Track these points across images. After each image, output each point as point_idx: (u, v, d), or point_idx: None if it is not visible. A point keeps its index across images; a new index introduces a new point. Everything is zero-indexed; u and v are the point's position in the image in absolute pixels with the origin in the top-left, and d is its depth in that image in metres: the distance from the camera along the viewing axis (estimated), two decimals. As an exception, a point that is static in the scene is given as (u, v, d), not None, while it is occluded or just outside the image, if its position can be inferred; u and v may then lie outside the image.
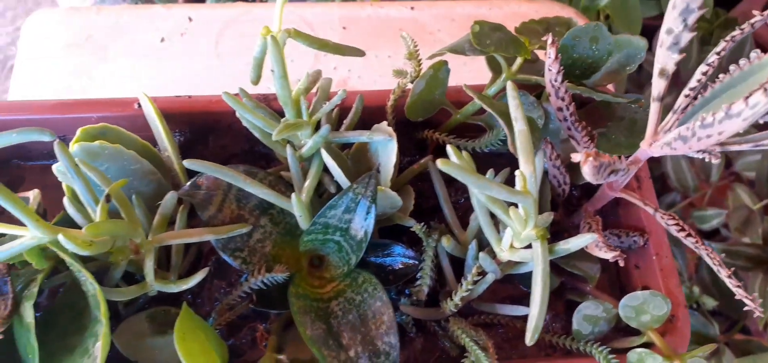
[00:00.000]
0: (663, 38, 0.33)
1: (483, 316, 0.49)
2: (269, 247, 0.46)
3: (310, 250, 0.47)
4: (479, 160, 0.54)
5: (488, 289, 0.47)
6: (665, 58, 0.33)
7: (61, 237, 0.36)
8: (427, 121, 0.52)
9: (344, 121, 0.49)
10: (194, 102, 0.50)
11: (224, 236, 0.44)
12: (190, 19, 0.74)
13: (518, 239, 0.40)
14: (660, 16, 0.98)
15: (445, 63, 0.48)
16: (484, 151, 0.50)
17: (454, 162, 0.35)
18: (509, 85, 0.40)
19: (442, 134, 0.51)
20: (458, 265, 0.49)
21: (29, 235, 0.39)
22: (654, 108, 0.36)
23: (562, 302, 0.51)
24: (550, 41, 0.40)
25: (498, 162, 0.54)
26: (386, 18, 0.77)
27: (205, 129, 0.52)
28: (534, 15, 0.58)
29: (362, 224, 0.44)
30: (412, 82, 0.50)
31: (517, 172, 0.38)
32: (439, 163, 0.34)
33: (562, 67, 0.41)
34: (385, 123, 0.45)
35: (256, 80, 0.50)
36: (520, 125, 0.39)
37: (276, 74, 0.41)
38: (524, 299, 0.51)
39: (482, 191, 0.36)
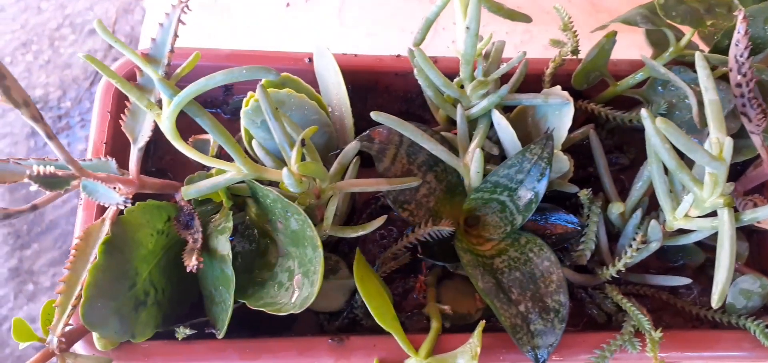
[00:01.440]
0: None
1: (629, 286, 0.51)
2: (433, 203, 0.48)
3: (471, 209, 0.48)
4: (621, 133, 0.55)
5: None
6: None
7: (285, 171, 0.38)
8: (579, 92, 0.53)
9: (505, 86, 0.50)
10: (360, 60, 0.52)
11: (397, 188, 0.46)
12: (313, -13, 0.75)
13: (699, 207, 0.41)
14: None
15: (615, 34, 0.49)
16: (633, 124, 0.51)
17: (661, 124, 0.36)
18: (699, 55, 0.41)
19: (596, 105, 0.52)
20: (610, 234, 0.50)
21: (234, 170, 0.41)
22: None
23: (706, 277, 0.52)
24: (741, 17, 0.41)
25: (639, 136, 0.55)
26: (502, -3, 0.78)
27: (364, 88, 0.54)
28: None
29: (534, 186, 0.45)
30: (572, 52, 0.51)
31: (712, 140, 0.39)
32: (660, 121, 0.35)
33: (750, 43, 0.42)
34: (558, 87, 0.46)
35: (421, 41, 0.51)
36: (711, 95, 0.40)
37: (471, 31, 0.42)
38: (668, 272, 0.52)
39: (689, 152, 0.37)
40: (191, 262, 0.40)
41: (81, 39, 1.49)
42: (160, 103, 0.39)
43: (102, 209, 0.46)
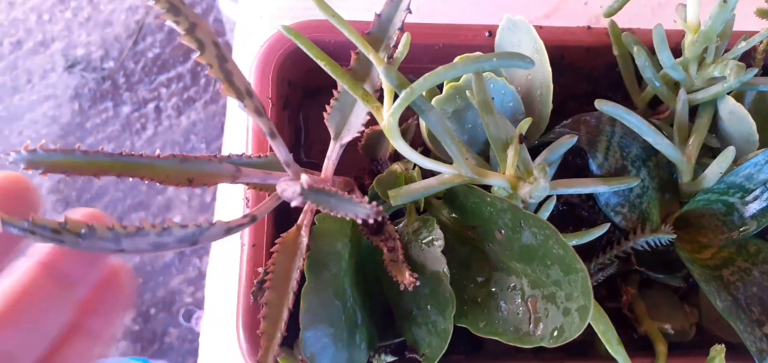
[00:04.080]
0: None
1: None
2: (645, 205, 0.41)
3: (687, 211, 0.42)
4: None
5: None
6: None
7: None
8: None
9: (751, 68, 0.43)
10: (545, 33, 0.44)
11: (613, 188, 0.39)
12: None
13: None
14: None
15: None
16: None
17: None
18: None
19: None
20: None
21: (452, 172, 0.34)
22: None
23: None
24: None
25: None
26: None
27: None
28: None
29: (780, 187, 0.39)
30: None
31: None
32: None
33: None
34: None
35: (613, 13, 0.45)
36: None
37: (727, 6, 0.35)
38: None
39: None
40: (406, 279, 0.33)
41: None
42: (378, 93, 0.32)
43: (277, 210, 0.39)
